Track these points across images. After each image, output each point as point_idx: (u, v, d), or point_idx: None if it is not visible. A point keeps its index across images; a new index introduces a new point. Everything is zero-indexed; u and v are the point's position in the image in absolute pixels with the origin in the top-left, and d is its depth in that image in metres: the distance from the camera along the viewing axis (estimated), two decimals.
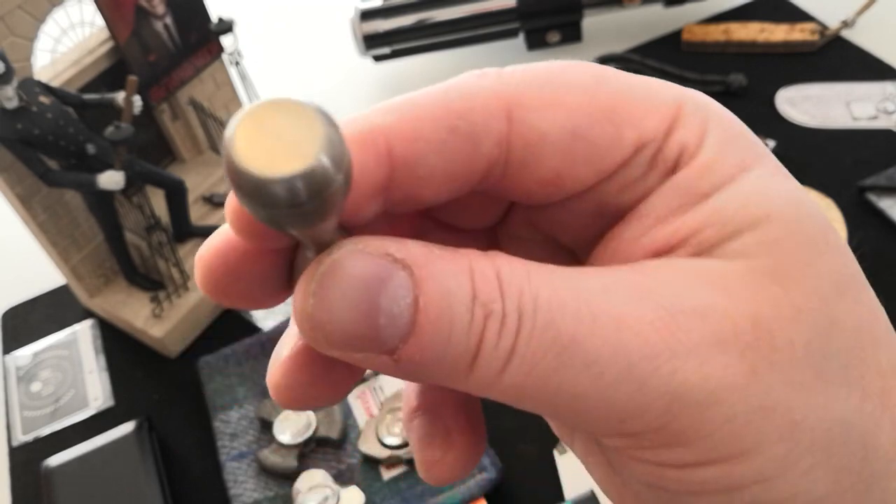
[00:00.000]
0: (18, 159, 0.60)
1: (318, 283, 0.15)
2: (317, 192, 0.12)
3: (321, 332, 0.15)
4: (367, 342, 0.14)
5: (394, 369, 0.15)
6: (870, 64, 0.81)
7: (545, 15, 0.87)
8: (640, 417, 0.15)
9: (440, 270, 0.15)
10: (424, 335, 0.14)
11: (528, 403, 0.15)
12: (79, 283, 0.70)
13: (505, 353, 0.15)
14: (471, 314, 0.14)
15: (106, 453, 0.61)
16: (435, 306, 0.14)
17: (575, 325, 0.15)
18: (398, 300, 0.14)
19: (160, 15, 0.68)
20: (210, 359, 0.66)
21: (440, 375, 0.15)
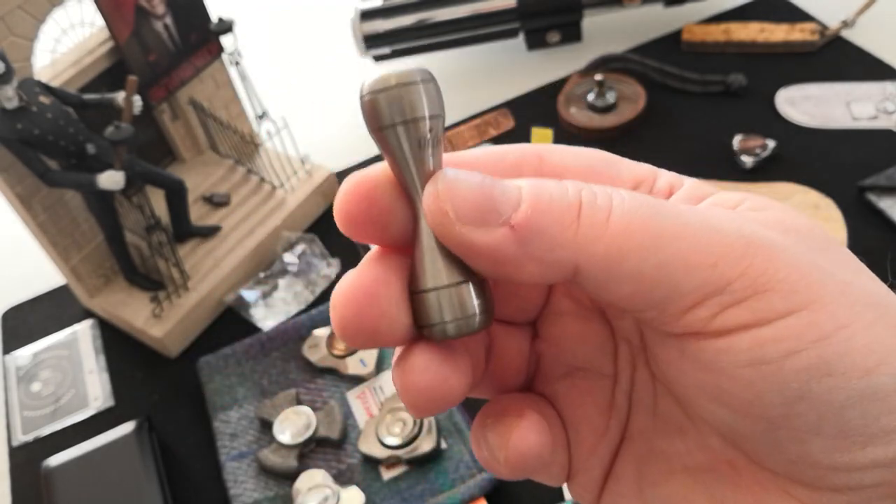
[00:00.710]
0: (18, 159, 0.60)
1: (445, 175, 0.18)
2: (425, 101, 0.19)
3: (450, 203, 0.18)
4: (487, 210, 0.18)
5: (513, 242, 0.18)
6: (870, 64, 0.81)
7: (545, 15, 0.87)
8: (726, 256, 0.17)
9: (528, 178, 0.19)
10: (532, 197, 0.18)
11: (631, 260, 0.18)
12: (79, 283, 0.70)
13: (605, 203, 0.18)
14: (566, 187, 0.18)
15: (106, 453, 0.61)
16: (535, 184, 0.18)
17: (659, 200, 0.19)
18: (507, 186, 0.18)
19: (160, 15, 0.68)
20: (210, 359, 0.66)
21: (552, 232, 0.18)
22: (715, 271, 0.17)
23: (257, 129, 0.80)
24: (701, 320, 0.18)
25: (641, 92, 0.81)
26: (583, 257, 0.18)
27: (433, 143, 0.19)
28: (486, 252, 0.18)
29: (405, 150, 0.18)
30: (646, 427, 0.22)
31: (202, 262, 0.71)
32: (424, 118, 0.18)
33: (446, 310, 0.19)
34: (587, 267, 0.18)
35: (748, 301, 0.17)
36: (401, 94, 0.18)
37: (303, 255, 0.71)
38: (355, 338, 0.19)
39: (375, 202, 0.19)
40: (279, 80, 0.93)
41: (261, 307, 0.70)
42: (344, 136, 0.88)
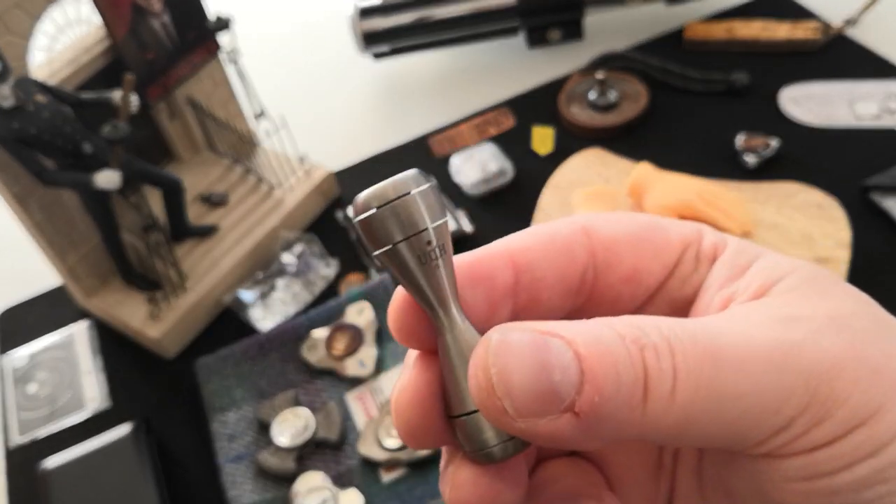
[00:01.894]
0: (15, 158, 0.59)
1: (495, 355, 0.17)
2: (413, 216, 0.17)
3: (508, 400, 0.17)
4: (548, 401, 0.17)
5: (577, 427, 0.17)
6: (873, 62, 0.80)
7: (546, 13, 0.86)
8: (788, 400, 0.17)
9: (584, 329, 0.17)
10: (596, 377, 0.17)
11: (699, 424, 0.17)
12: (76, 284, 0.70)
13: (670, 373, 0.17)
14: (627, 349, 0.17)
15: (103, 455, 0.60)
16: (594, 350, 0.17)
17: (713, 337, 0.18)
18: (563, 355, 0.17)
19: (157, 13, 0.67)
20: (208, 360, 0.65)
21: (619, 416, 0.17)
22: (778, 417, 0.17)
23: (255, 128, 0.80)
24: (760, 452, 0.18)
25: (643, 90, 0.80)
26: (650, 432, 0.17)
27: (440, 254, 0.18)
28: (547, 439, 0.17)
29: (411, 267, 0.17)
30: (691, 489, 0.22)
31: (200, 262, 0.71)
32: (427, 230, 0.17)
33: (489, 434, 0.18)
34: (653, 437, 0.18)
35: (807, 434, 0.17)
36: (396, 209, 0.17)
37: (301, 256, 0.71)
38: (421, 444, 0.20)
39: (406, 314, 0.19)
40: (277, 78, 0.92)
41: (259, 308, 0.69)
42: (343, 135, 0.87)
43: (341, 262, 0.71)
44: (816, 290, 0.19)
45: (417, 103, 0.89)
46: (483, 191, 0.75)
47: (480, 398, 0.17)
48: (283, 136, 0.75)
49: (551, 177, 0.74)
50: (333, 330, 0.65)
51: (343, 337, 0.64)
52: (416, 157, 0.81)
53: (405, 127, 0.85)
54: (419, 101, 0.89)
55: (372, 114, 0.90)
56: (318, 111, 0.90)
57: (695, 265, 0.21)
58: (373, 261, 0.16)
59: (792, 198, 0.68)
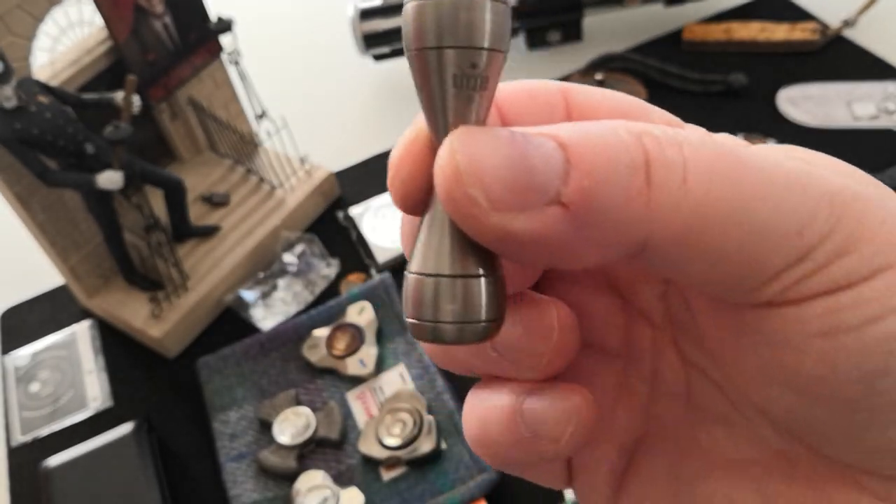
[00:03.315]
0: (17, 159, 0.59)
1: (460, 140, 0.14)
2: None
3: (478, 188, 0.14)
4: (529, 189, 0.14)
5: (567, 223, 0.14)
6: (871, 63, 0.80)
7: (545, 14, 0.86)
8: (812, 222, 0.15)
9: (566, 125, 0.15)
10: (584, 160, 0.14)
11: (715, 229, 0.14)
12: (78, 284, 0.70)
13: (679, 159, 0.14)
14: (621, 136, 0.14)
15: (105, 454, 0.61)
16: (581, 137, 0.14)
17: (727, 145, 0.15)
18: (543, 144, 0.14)
19: (159, 14, 0.67)
20: (209, 359, 0.66)
21: (619, 207, 0.14)
22: (801, 240, 0.15)
23: (256, 129, 0.80)
24: (775, 293, 0.15)
25: (642, 91, 0.80)
26: (656, 233, 0.14)
27: (481, 86, 0.15)
28: (531, 242, 0.14)
29: (446, 84, 0.14)
30: (678, 418, 0.19)
31: (201, 262, 0.71)
32: (482, 49, 0.14)
33: (445, 307, 0.15)
34: (659, 244, 0.14)
35: (829, 267, 0.15)
36: (458, 8, 0.14)
37: (302, 256, 0.71)
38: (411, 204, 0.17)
39: (415, 162, 0.16)
40: (278, 79, 0.93)
41: (260, 307, 0.69)
42: (343, 136, 0.88)
43: (342, 262, 0.72)
44: (827, 158, 0.17)
45: (418, 105, 0.89)
46: None
47: (446, 188, 0.14)
48: (284, 136, 0.75)
49: None
50: (334, 329, 0.65)
51: (344, 336, 0.64)
52: None
53: (405, 127, 0.85)
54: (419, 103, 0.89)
55: (372, 115, 0.90)
56: (319, 112, 0.91)
57: None
58: (408, 53, 0.14)
59: None
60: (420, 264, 0.15)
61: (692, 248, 0.14)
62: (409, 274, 0.15)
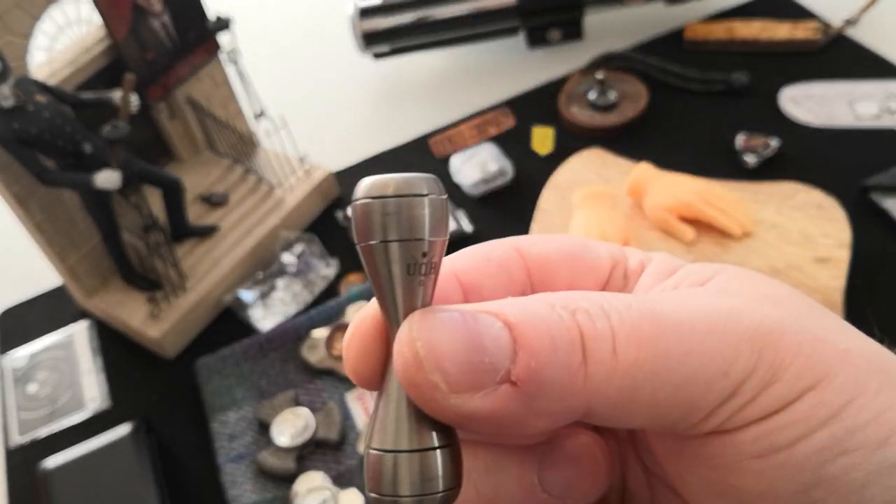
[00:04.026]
0: (15, 159, 0.59)
1: (418, 328, 0.16)
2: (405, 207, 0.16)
3: (438, 373, 0.15)
4: (482, 371, 0.15)
5: (517, 400, 0.15)
6: (874, 62, 0.80)
7: (546, 13, 0.86)
8: (735, 361, 0.17)
9: (511, 302, 0.17)
10: (529, 342, 0.16)
11: (646, 389, 0.16)
12: (76, 284, 0.70)
13: (608, 333, 0.16)
14: (558, 314, 0.16)
15: (103, 455, 0.60)
16: (524, 318, 0.16)
17: (650, 304, 0.17)
18: (492, 325, 0.16)
19: (157, 13, 0.67)
20: (208, 360, 0.65)
21: (561, 383, 0.16)
22: (727, 380, 0.17)
23: (255, 128, 0.80)
24: (712, 427, 0.17)
25: (643, 90, 0.80)
26: (596, 400, 0.16)
27: (427, 272, 0.16)
28: (486, 419, 0.16)
29: (394, 273, 0.16)
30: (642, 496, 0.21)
31: (200, 262, 0.71)
32: (423, 240, 0.15)
33: (403, 482, 0.15)
34: (599, 408, 0.16)
35: (757, 399, 0.17)
36: (401, 205, 0.15)
37: (301, 255, 0.71)
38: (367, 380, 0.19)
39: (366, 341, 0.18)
40: (277, 78, 0.92)
41: (259, 308, 0.69)
42: (343, 135, 0.87)
43: (341, 262, 0.71)
44: (749, 280, 0.19)
45: (417, 103, 0.89)
46: (483, 191, 0.75)
47: (408, 375, 0.16)
48: (283, 136, 0.75)
49: (551, 177, 0.74)
50: (333, 330, 0.65)
51: (343, 337, 0.64)
52: (416, 157, 0.81)
53: (405, 127, 0.85)
54: (419, 101, 0.89)
55: (372, 114, 0.90)
56: (318, 111, 0.90)
57: (624, 282, 0.21)
58: (357, 247, 0.15)
59: (792, 198, 0.68)
60: (380, 441, 0.16)
61: (627, 407, 0.16)
62: (371, 451, 0.16)
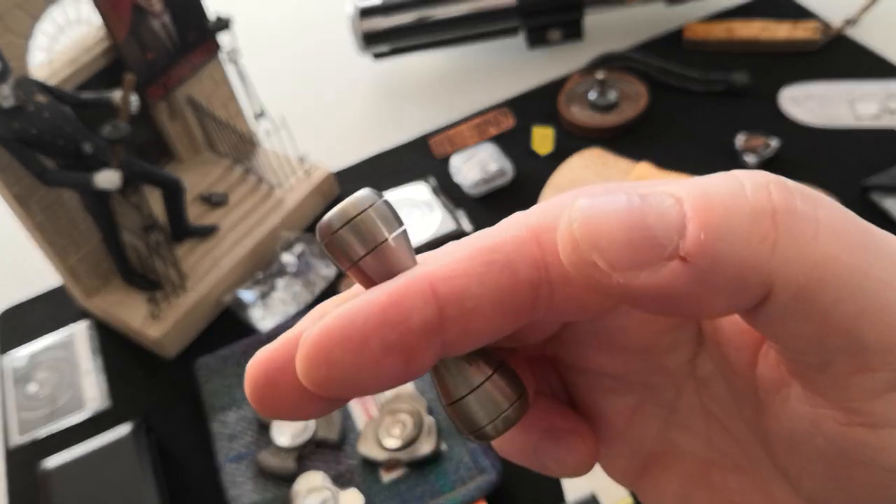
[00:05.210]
0: (15, 159, 0.59)
1: (576, 208, 0.15)
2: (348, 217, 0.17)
3: (596, 252, 0.14)
4: (645, 247, 0.14)
5: (689, 276, 0.14)
6: (874, 62, 0.80)
7: (546, 13, 0.86)
8: None
9: (693, 180, 0.15)
10: (700, 213, 0.14)
11: (831, 294, 0.14)
12: (76, 284, 0.70)
13: (811, 214, 0.14)
14: (741, 184, 0.14)
15: (103, 455, 0.60)
16: (700, 190, 0.14)
17: (865, 222, 0.14)
18: (660, 201, 0.14)
19: (157, 13, 0.67)
20: (208, 360, 0.66)
21: (741, 254, 0.14)
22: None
23: (255, 128, 0.80)
24: (863, 391, 0.15)
25: (643, 91, 0.80)
26: (780, 281, 0.14)
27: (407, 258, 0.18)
28: (656, 296, 0.14)
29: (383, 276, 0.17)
30: (696, 449, 0.20)
31: (200, 262, 0.71)
32: (386, 239, 0.17)
33: (479, 415, 0.18)
34: (781, 293, 0.14)
35: None
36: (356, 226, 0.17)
37: (301, 255, 0.71)
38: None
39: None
40: (277, 78, 0.92)
41: (259, 308, 0.69)
42: (343, 135, 0.87)
43: None
44: None
45: (417, 103, 0.89)
46: (483, 191, 0.75)
47: (566, 255, 0.15)
48: (283, 136, 0.75)
49: (551, 177, 0.74)
50: None
51: None
52: (416, 157, 0.81)
53: (405, 127, 0.85)
54: (419, 101, 0.89)
55: (372, 114, 0.90)
56: (318, 111, 0.90)
57: None
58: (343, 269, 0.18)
59: None
60: (447, 397, 0.18)
61: (805, 306, 0.14)
62: (447, 407, 0.18)
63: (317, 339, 0.15)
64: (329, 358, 0.15)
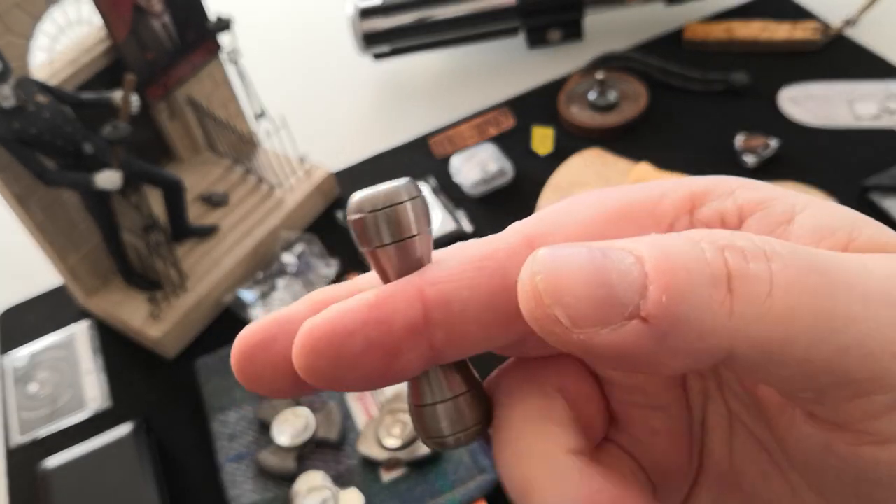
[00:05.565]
0: (16, 159, 0.59)
1: (540, 263, 0.15)
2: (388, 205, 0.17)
3: (559, 307, 0.14)
4: (608, 305, 0.14)
5: (648, 336, 0.14)
6: (873, 63, 0.80)
7: (546, 13, 0.86)
8: None
9: (645, 239, 0.15)
10: (662, 275, 0.14)
11: (802, 344, 0.14)
12: (76, 284, 0.70)
13: (765, 274, 0.14)
14: (701, 248, 0.14)
15: (103, 455, 0.60)
16: (659, 252, 0.14)
17: (819, 255, 0.15)
18: (621, 259, 0.14)
19: (158, 13, 0.67)
20: (208, 360, 0.66)
21: (699, 318, 0.14)
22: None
23: (255, 129, 0.80)
24: (865, 413, 0.15)
25: (643, 91, 0.80)
26: (740, 343, 0.14)
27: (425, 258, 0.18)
28: (614, 355, 0.14)
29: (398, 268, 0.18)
30: (722, 460, 0.20)
31: (200, 262, 0.71)
32: (413, 237, 0.18)
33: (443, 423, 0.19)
34: (744, 353, 0.14)
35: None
36: (388, 214, 0.17)
37: (302, 256, 0.71)
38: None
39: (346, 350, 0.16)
40: (278, 78, 0.93)
41: (259, 308, 0.69)
42: (343, 135, 0.87)
43: (341, 262, 0.72)
44: None
45: (417, 103, 0.89)
46: (483, 191, 0.75)
47: (528, 309, 0.15)
48: (284, 136, 0.75)
49: (551, 177, 0.74)
50: None
51: None
52: (416, 157, 0.81)
53: (405, 127, 0.85)
54: (419, 102, 0.89)
55: (372, 114, 0.90)
56: (319, 111, 0.90)
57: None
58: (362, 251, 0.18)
59: None
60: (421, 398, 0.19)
61: (775, 358, 0.14)
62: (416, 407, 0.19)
63: (308, 329, 0.16)
64: (315, 348, 0.16)
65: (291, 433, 0.59)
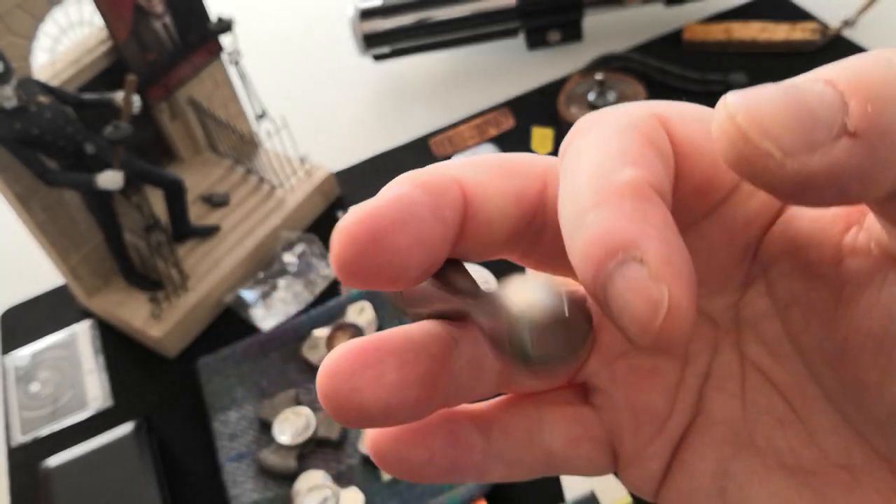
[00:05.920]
0: (17, 159, 0.59)
1: (735, 102, 0.14)
2: None
3: (768, 140, 0.14)
4: (814, 128, 0.14)
5: (860, 152, 0.14)
6: None
7: (545, 14, 0.86)
8: None
9: (832, 66, 0.15)
10: (859, 89, 0.14)
11: None
12: (78, 284, 0.70)
13: None
14: (887, 59, 0.14)
15: (105, 454, 0.61)
16: (849, 70, 0.14)
17: None
18: (812, 87, 0.14)
19: (159, 14, 0.67)
20: (209, 359, 0.66)
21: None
22: None
23: (256, 129, 0.80)
24: None
25: (642, 91, 0.80)
26: None
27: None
28: (829, 180, 0.14)
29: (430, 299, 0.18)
30: (732, 416, 0.19)
31: (201, 262, 0.71)
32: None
33: (545, 340, 0.16)
34: None
35: None
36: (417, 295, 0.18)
37: (302, 256, 0.71)
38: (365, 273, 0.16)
39: None
40: (278, 79, 0.93)
41: (260, 307, 0.69)
42: (343, 135, 0.88)
43: None
44: None
45: (417, 104, 0.89)
46: None
47: (736, 150, 0.14)
48: (284, 136, 0.75)
49: None
50: (334, 329, 0.65)
51: (344, 336, 0.64)
52: (416, 157, 0.82)
53: (405, 127, 0.85)
54: (419, 102, 0.90)
55: (372, 115, 0.90)
56: (319, 112, 0.91)
57: None
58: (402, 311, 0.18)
59: None
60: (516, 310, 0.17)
61: None
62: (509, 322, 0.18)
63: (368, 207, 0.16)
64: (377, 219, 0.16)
65: (292, 432, 0.59)
